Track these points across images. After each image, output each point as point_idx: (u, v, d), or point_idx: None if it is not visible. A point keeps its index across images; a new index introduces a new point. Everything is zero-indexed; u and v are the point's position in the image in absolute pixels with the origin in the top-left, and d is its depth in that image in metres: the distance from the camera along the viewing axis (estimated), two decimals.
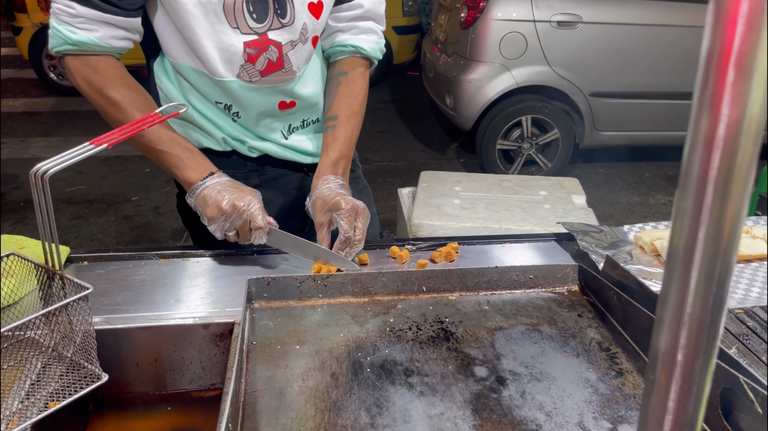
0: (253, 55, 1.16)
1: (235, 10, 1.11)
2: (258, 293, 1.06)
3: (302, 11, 1.17)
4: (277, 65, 1.19)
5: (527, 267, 1.13)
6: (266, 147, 1.31)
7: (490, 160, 4.39)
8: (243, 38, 1.14)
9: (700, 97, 0.37)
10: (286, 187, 1.38)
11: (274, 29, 1.16)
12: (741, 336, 0.96)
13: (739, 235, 0.39)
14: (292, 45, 1.19)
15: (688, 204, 0.38)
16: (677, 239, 0.40)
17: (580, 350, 0.96)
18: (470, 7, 4.17)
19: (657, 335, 0.42)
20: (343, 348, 0.95)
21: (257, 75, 1.19)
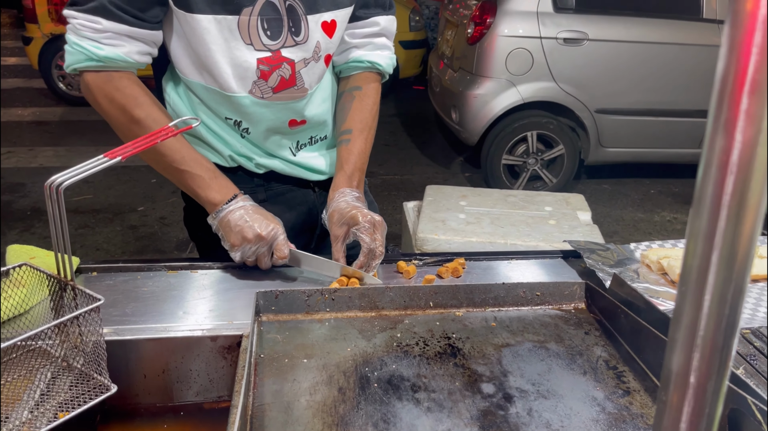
0: (266, 72, 1.17)
1: (249, 27, 1.12)
2: (266, 306, 1.06)
3: (316, 29, 1.19)
4: (290, 82, 1.20)
5: (534, 284, 1.13)
6: (273, 164, 1.32)
7: (495, 174, 4.40)
8: (257, 54, 1.15)
9: (715, 122, 0.37)
10: (292, 202, 1.39)
11: (288, 47, 1.17)
12: (748, 357, 0.96)
13: (752, 259, 0.39)
14: (305, 63, 1.20)
15: (701, 226, 0.39)
16: (690, 261, 0.40)
17: (587, 368, 0.96)
18: (477, 23, 4.20)
19: (670, 356, 0.43)
20: (351, 363, 0.95)
21: (269, 91, 1.20)
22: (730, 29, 0.36)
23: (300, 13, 1.16)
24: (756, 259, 1.25)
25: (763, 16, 0.34)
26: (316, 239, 1.47)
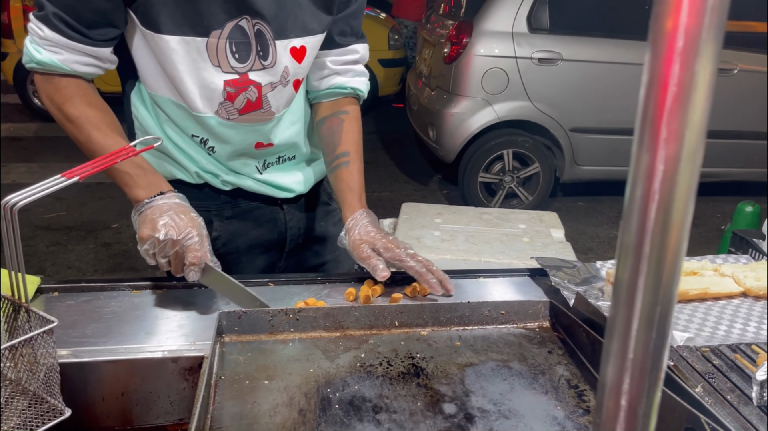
0: (233, 94, 1.17)
1: (217, 50, 1.13)
2: (229, 327, 1.05)
3: (284, 54, 1.19)
4: (256, 105, 1.21)
5: (499, 303, 1.14)
6: (240, 181, 1.32)
7: (472, 192, 4.43)
8: (224, 76, 1.15)
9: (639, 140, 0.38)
10: (260, 219, 1.38)
11: (255, 70, 1.17)
12: (707, 375, 0.97)
13: (680, 267, 0.40)
14: (272, 87, 1.20)
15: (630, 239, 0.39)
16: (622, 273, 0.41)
17: (548, 387, 0.96)
18: (453, 42, 4.26)
19: (604, 370, 0.43)
20: (313, 384, 0.94)
21: (235, 113, 1.20)
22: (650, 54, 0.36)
23: (268, 38, 1.16)
24: (716, 277, 1.27)
25: (681, 43, 0.35)
26: (285, 256, 1.46)
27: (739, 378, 0.96)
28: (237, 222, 1.33)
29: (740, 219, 3.10)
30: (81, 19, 1.08)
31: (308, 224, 1.46)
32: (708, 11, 0.34)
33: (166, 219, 1.06)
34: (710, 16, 0.34)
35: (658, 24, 0.35)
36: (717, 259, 1.45)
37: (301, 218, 1.44)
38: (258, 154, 1.30)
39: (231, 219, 1.35)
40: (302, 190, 1.40)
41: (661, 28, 0.35)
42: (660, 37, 0.35)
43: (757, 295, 1.24)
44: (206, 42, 1.11)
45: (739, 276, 1.26)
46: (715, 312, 1.19)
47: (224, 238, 1.36)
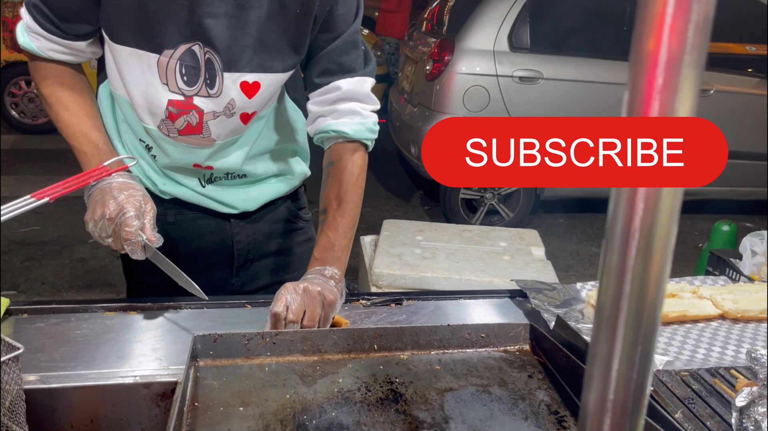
0: (174, 114, 1.16)
1: (167, 69, 1.12)
2: (204, 350, 1.02)
3: (233, 87, 1.15)
4: (196, 130, 1.19)
5: (479, 326, 1.13)
6: (179, 191, 1.29)
7: (453, 208, 4.44)
8: (169, 95, 1.15)
9: None
10: (204, 229, 1.33)
11: (201, 96, 1.15)
12: (686, 400, 0.96)
13: (664, 289, 0.39)
14: (214, 115, 1.18)
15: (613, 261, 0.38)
16: (604, 296, 0.40)
17: (528, 413, 0.95)
18: (435, 60, 4.29)
19: (586, 394, 0.42)
20: (289, 411, 0.92)
21: (175, 132, 1.19)
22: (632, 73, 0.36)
23: (216, 68, 1.13)
24: (695, 300, 1.27)
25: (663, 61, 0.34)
26: (235, 271, 1.39)
27: (718, 404, 0.95)
28: (179, 230, 1.29)
29: (717, 238, 3.14)
30: (56, 13, 1.12)
31: (262, 239, 1.39)
32: (691, 29, 0.33)
33: (103, 199, 1.08)
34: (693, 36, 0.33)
35: (640, 44, 0.34)
36: (695, 281, 1.46)
37: (253, 233, 1.37)
38: (198, 172, 1.28)
39: (173, 226, 1.31)
40: (247, 208, 1.34)
41: (643, 49, 0.34)
42: (641, 57, 0.34)
43: (735, 318, 1.25)
44: (158, 59, 1.12)
45: (717, 299, 1.27)
46: (693, 335, 1.20)
47: (164, 242, 1.28)
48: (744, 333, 1.20)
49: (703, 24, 0.32)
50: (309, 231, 1.47)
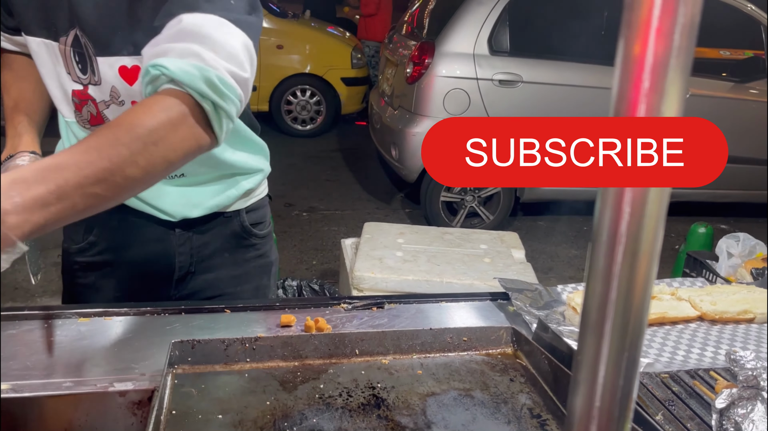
0: (78, 105, 1.14)
1: (66, 57, 1.10)
2: (181, 357, 1.00)
3: (110, 73, 1.08)
4: (98, 120, 1.15)
5: (461, 329, 1.12)
6: None
7: (434, 211, 4.45)
8: (73, 86, 1.13)
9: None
10: (146, 237, 1.27)
11: (92, 84, 1.11)
12: (667, 402, 0.97)
13: (650, 291, 0.39)
14: (105, 104, 1.13)
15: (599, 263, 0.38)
16: (591, 300, 0.40)
17: (511, 417, 0.95)
18: (416, 63, 4.29)
19: (572, 398, 0.42)
20: (269, 418, 0.91)
21: (87, 123, 1.16)
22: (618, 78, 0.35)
23: (90, 53, 1.07)
24: (674, 301, 1.28)
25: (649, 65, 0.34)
26: (175, 284, 1.32)
27: (698, 405, 0.96)
28: (121, 235, 1.25)
29: (693, 240, 3.19)
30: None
31: (207, 253, 1.32)
32: (677, 32, 0.33)
33: None
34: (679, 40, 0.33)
35: (626, 48, 0.34)
36: (674, 283, 1.47)
37: (197, 245, 1.30)
38: None
39: (114, 230, 1.27)
40: (187, 215, 1.25)
41: (630, 52, 0.34)
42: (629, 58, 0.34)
43: (712, 319, 1.26)
44: (57, 46, 1.10)
45: (696, 300, 1.28)
46: (672, 336, 1.20)
47: (101, 246, 1.25)
48: (722, 334, 1.21)
49: (690, 27, 0.31)
50: (262, 248, 1.40)
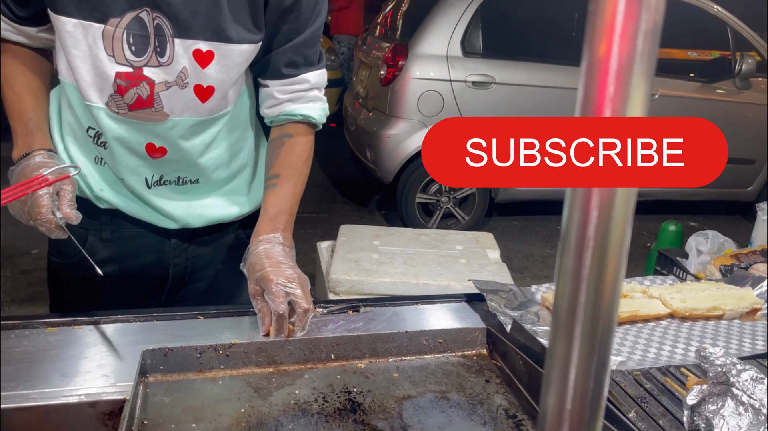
0: (123, 87, 1.11)
1: (113, 39, 1.07)
2: (153, 365, 0.99)
3: (184, 55, 1.11)
4: (147, 103, 1.13)
5: (437, 332, 1.12)
6: (118, 200, 1.23)
7: (409, 212, 4.45)
8: (116, 68, 1.09)
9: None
10: (143, 249, 1.27)
11: (151, 66, 1.10)
12: (639, 400, 0.98)
13: (619, 293, 0.39)
14: (165, 86, 1.13)
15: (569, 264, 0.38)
16: (561, 300, 0.40)
17: (487, 418, 0.95)
18: (389, 65, 4.29)
19: (545, 397, 0.42)
20: (244, 425, 0.90)
21: (125, 108, 1.13)
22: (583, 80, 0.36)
23: (167, 34, 1.09)
24: (645, 299, 1.30)
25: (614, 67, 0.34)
26: (167, 293, 1.34)
27: (670, 402, 0.97)
28: (115, 247, 1.23)
29: (664, 238, 3.24)
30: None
31: (201, 264, 1.34)
32: (640, 37, 0.33)
33: (17, 180, 1.05)
34: (643, 42, 0.33)
35: (592, 41, 0.34)
36: (645, 281, 1.49)
37: (192, 257, 1.32)
38: (151, 162, 1.20)
39: (108, 242, 1.26)
40: (190, 223, 1.28)
41: (596, 45, 0.34)
42: (594, 62, 0.34)
43: (683, 316, 1.28)
44: (103, 29, 1.07)
45: (666, 298, 1.30)
46: (644, 334, 1.22)
47: (97, 259, 1.22)
48: (692, 331, 1.24)
49: (653, 32, 0.32)
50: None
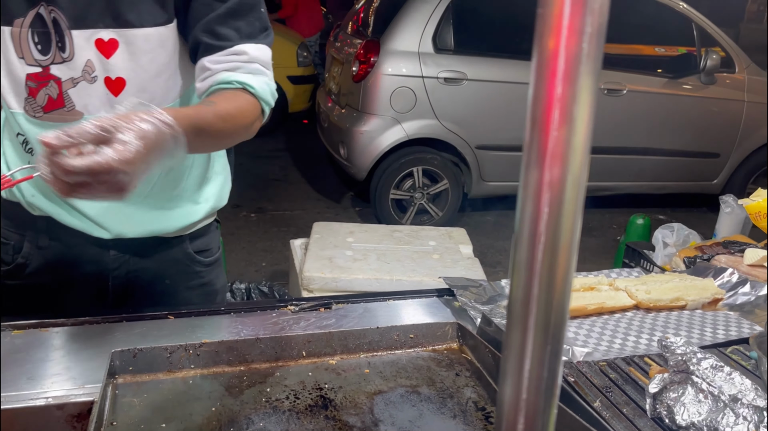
0: (34, 89, 1.09)
1: (20, 39, 1.06)
2: (122, 366, 0.98)
3: (86, 47, 1.07)
4: (58, 103, 1.10)
5: (408, 327, 1.13)
6: (49, 207, 1.17)
7: (384, 209, 4.46)
8: (26, 69, 1.08)
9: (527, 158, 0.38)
10: (81, 258, 1.22)
11: (57, 63, 1.08)
12: (604, 389, 1.01)
13: (570, 285, 0.40)
14: (73, 83, 1.09)
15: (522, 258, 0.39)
16: (515, 294, 0.41)
17: (456, 411, 0.97)
18: (361, 61, 4.29)
19: (502, 391, 0.43)
20: (215, 424, 0.90)
21: (40, 110, 1.11)
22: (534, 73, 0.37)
23: (63, 27, 1.06)
24: (611, 291, 1.33)
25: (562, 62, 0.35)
26: (112, 305, 1.28)
27: (633, 391, 1.00)
28: (52, 255, 1.19)
29: (632, 231, 3.30)
30: None
31: (145, 278, 1.27)
32: (586, 35, 0.34)
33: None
34: (588, 40, 0.35)
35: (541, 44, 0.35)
36: (612, 273, 1.53)
37: (134, 270, 1.26)
38: None
39: (45, 250, 1.22)
40: (124, 233, 1.19)
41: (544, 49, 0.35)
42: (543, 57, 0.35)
43: (647, 307, 1.32)
44: (10, 31, 1.05)
45: (632, 290, 1.33)
46: (610, 325, 1.25)
47: (33, 267, 1.20)
48: (656, 321, 1.27)
49: (597, 35, 0.33)
50: (207, 276, 1.35)
